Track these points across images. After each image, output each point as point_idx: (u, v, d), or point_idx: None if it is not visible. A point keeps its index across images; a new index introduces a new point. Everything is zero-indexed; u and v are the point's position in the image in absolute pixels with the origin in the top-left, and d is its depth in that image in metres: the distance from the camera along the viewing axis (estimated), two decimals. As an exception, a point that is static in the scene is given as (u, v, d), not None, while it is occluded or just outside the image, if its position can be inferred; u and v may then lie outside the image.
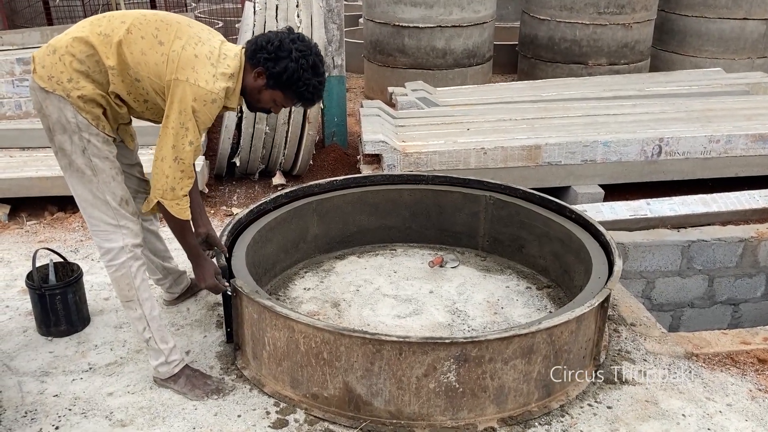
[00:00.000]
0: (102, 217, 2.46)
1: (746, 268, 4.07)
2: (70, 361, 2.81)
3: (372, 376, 2.42)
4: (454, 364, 2.38)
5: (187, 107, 2.30)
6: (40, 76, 2.34)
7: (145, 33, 2.34)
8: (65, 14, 7.10)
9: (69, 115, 2.33)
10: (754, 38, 7.07)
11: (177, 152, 2.34)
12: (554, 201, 3.44)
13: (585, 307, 2.54)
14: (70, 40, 2.33)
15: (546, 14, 6.86)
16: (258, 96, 2.47)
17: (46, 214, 4.24)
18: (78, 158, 2.38)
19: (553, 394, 2.60)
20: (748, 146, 4.68)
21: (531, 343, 2.45)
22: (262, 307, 2.54)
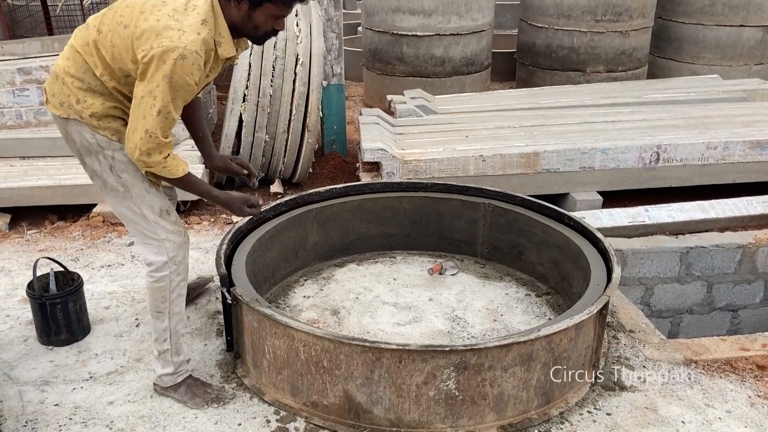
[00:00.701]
0: (144, 232, 2.44)
1: (744, 275, 4.08)
2: (70, 370, 2.82)
3: (372, 384, 2.42)
4: (454, 371, 2.39)
5: (155, 75, 2.14)
6: (53, 105, 2.35)
7: (111, 25, 2.24)
8: (66, 23, 7.13)
9: (88, 137, 2.32)
10: (750, 45, 7.10)
11: (147, 123, 2.19)
12: (552, 208, 3.45)
13: (584, 315, 2.55)
14: (63, 62, 2.32)
15: (544, 22, 6.89)
16: (252, 23, 2.30)
17: (46, 223, 4.26)
18: (108, 177, 2.37)
19: (553, 401, 2.61)
20: (746, 153, 4.70)
21: (530, 350, 2.46)
22: (262, 316, 2.55)
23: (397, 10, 6.54)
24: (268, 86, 4.58)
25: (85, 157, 2.38)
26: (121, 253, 3.85)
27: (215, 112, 6.04)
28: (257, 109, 4.59)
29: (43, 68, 4.76)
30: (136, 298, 3.38)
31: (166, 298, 2.51)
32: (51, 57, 4.94)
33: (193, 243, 3.98)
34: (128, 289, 3.46)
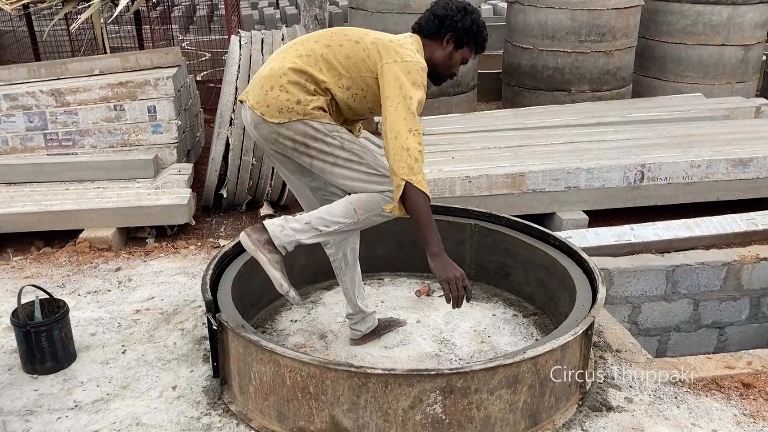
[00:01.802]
0: (376, 175, 2.59)
1: (730, 292, 4.11)
2: (55, 399, 2.79)
3: (358, 410, 2.42)
4: (440, 395, 2.39)
5: (403, 82, 2.46)
6: (270, 115, 2.54)
7: (340, 42, 2.58)
8: (53, 49, 7.14)
9: (316, 125, 2.54)
10: (732, 64, 7.20)
11: (409, 123, 2.42)
12: (538, 228, 3.47)
13: (569, 336, 2.56)
14: (282, 72, 2.53)
15: (528, 43, 6.97)
16: (450, 62, 2.68)
17: (32, 249, 4.24)
18: (340, 152, 2.57)
19: (540, 423, 2.61)
20: (729, 171, 4.75)
21: (516, 372, 2.46)
22: (248, 342, 2.54)
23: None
24: (254, 110, 4.59)
25: (311, 143, 2.55)
26: (107, 279, 3.84)
27: (202, 135, 6.05)
28: (244, 133, 4.60)
29: (29, 94, 4.77)
30: (122, 325, 3.36)
31: (373, 209, 2.60)
32: (37, 83, 4.94)
33: (180, 267, 3.97)
34: (114, 315, 3.44)
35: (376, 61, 2.52)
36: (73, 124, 4.85)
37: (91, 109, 4.83)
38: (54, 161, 4.78)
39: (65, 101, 4.81)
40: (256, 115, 2.57)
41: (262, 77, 2.59)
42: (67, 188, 4.62)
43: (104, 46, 5.73)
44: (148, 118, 4.89)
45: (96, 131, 4.88)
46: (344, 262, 3.02)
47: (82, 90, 4.81)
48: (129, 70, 5.10)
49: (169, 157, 4.97)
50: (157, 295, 3.65)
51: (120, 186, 4.64)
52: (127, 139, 4.91)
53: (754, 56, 7.35)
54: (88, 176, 4.73)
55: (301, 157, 2.63)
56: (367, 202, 2.61)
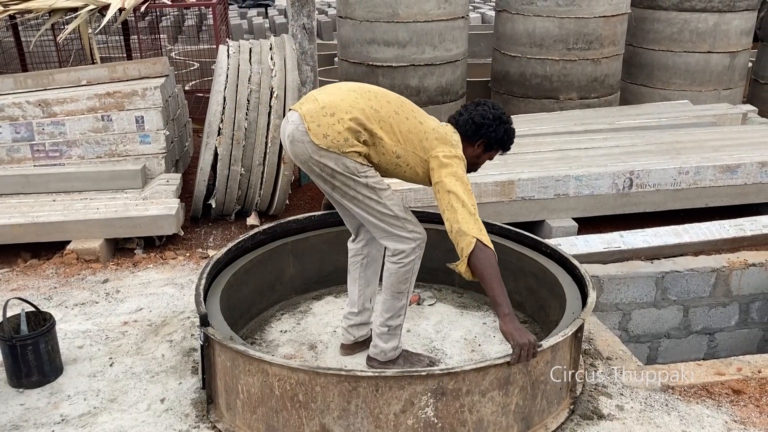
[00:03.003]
0: (393, 227, 2.77)
1: (719, 298, 4.12)
2: (41, 414, 2.76)
3: (349, 416, 2.39)
4: (432, 398, 2.37)
5: (457, 171, 2.67)
6: (315, 134, 2.62)
7: (407, 115, 2.76)
8: (40, 59, 7.10)
9: (348, 163, 2.65)
10: (718, 71, 7.25)
11: (464, 198, 2.61)
12: (529, 236, 3.47)
13: (558, 337, 2.57)
14: (348, 110, 2.64)
15: (517, 51, 6.99)
16: (476, 160, 2.91)
17: (19, 262, 4.20)
18: (363, 189, 2.70)
19: (532, 427, 2.60)
20: (717, 177, 4.77)
21: (507, 374, 2.45)
22: (235, 353, 2.52)
23: (372, 41, 6.60)
24: (243, 119, 4.59)
25: (338, 176, 2.68)
26: (95, 291, 3.81)
27: (191, 145, 6.03)
28: (232, 143, 4.59)
29: (16, 105, 4.74)
30: (110, 337, 3.33)
31: (409, 279, 2.85)
32: (24, 93, 4.91)
33: (168, 279, 3.95)
34: (102, 328, 3.41)
35: (433, 146, 2.72)
36: (61, 135, 4.82)
37: (78, 120, 4.80)
38: (41, 172, 4.74)
39: (52, 112, 4.78)
40: (302, 129, 2.64)
41: (326, 102, 2.67)
42: (54, 199, 4.58)
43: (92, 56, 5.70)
44: (136, 128, 4.87)
45: (83, 142, 4.85)
46: (369, 257, 3.09)
47: (70, 100, 4.78)
48: (117, 81, 5.08)
49: (157, 168, 4.94)
50: (145, 307, 3.62)
51: (108, 197, 4.61)
52: (114, 149, 4.88)
53: (741, 63, 7.41)
54: (75, 187, 4.70)
55: (324, 184, 2.75)
56: (398, 283, 2.84)
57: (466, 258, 2.53)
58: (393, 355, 2.97)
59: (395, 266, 2.84)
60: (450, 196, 2.60)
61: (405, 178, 2.84)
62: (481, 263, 2.53)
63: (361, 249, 3.08)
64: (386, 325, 2.92)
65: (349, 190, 2.71)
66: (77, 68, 5.26)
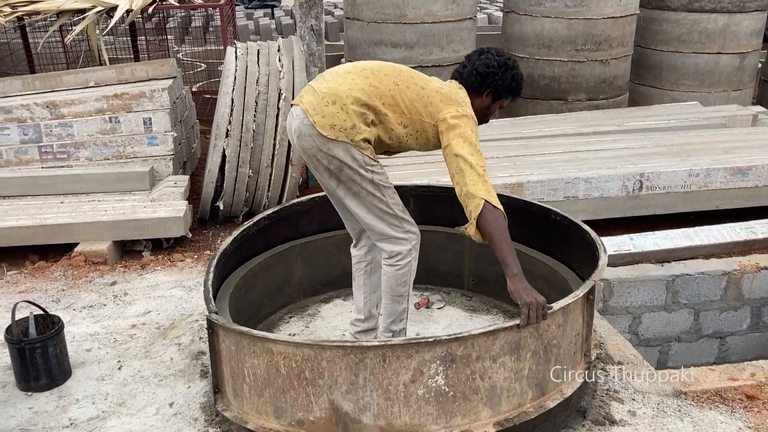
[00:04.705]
0: (390, 230, 2.77)
1: (731, 301, 4.09)
2: (50, 417, 2.75)
3: (358, 390, 2.31)
4: (441, 365, 2.30)
5: (465, 132, 2.61)
6: (321, 125, 2.59)
7: (408, 83, 2.70)
8: (48, 61, 7.11)
9: (356, 155, 2.62)
10: (728, 72, 7.21)
11: (472, 160, 2.54)
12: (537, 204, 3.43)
13: (570, 299, 2.51)
14: (348, 95, 2.60)
15: (525, 52, 6.97)
16: (486, 111, 2.83)
17: (27, 264, 4.19)
18: (368, 185, 2.69)
19: (548, 392, 2.53)
20: (727, 179, 4.73)
21: (518, 338, 2.37)
22: (239, 335, 2.44)
23: (380, 42, 6.59)
24: (251, 121, 4.58)
25: (345, 169, 2.65)
26: (103, 293, 3.80)
27: (198, 146, 6.02)
28: (240, 144, 4.58)
29: (24, 107, 4.74)
30: (118, 340, 3.32)
31: (407, 281, 2.83)
32: (32, 95, 4.91)
33: (176, 281, 3.94)
34: (110, 331, 3.40)
35: (439, 110, 2.66)
36: (68, 137, 4.82)
37: (86, 121, 4.80)
38: (49, 174, 4.74)
39: (60, 113, 4.78)
40: (307, 122, 2.61)
41: (325, 91, 2.63)
42: (62, 201, 4.58)
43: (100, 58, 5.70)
44: (143, 129, 4.86)
45: (91, 143, 4.85)
46: (373, 263, 3.07)
47: (77, 102, 4.78)
48: (124, 82, 5.08)
49: (165, 169, 4.94)
50: (153, 310, 3.61)
51: (115, 199, 4.60)
52: (122, 151, 4.88)
53: (750, 64, 7.36)
54: (83, 189, 4.69)
55: (330, 179, 2.72)
56: (396, 285, 2.83)
57: (475, 220, 2.49)
58: None
59: (392, 269, 2.82)
60: (458, 160, 2.55)
61: (417, 147, 2.79)
62: (489, 224, 2.48)
63: (364, 255, 3.05)
64: (390, 330, 2.90)
65: (354, 186, 2.69)
66: (85, 70, 5.26)
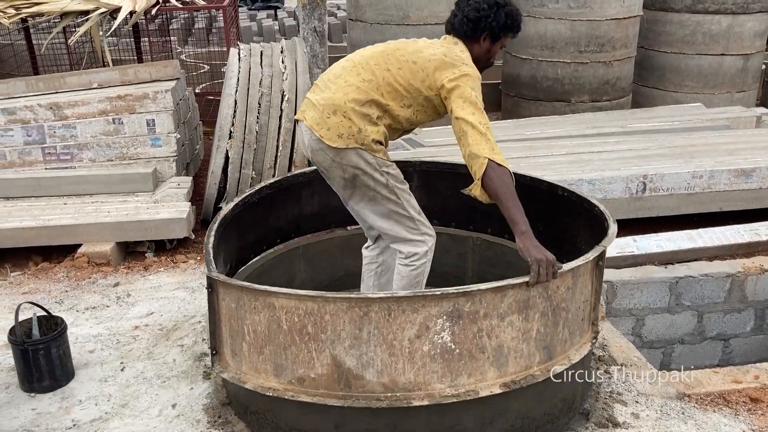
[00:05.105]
0: (406, 233, 2.79)
1: (734, 303, 4.08)
2: (53, 419, 2.75)
3: (361, 345, 2.27)
4: (448, 321, 2.25)
5: (464, 92, 2.55)
6: (329, 138, 2.62)
7: (399, 64, 2.66)
8: (51, 62, 7.13)
9: (369, 158, 2.64)
10: (732, 73, 7.19)
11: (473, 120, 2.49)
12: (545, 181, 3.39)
13: (580, 261, 2.44)
14: (346, 100, 2.60)
15: (528, 54, 6.96)
16: (488, 55, 2.78)
17: (30, 265, 4.20)
18: (382, 189, 2.69)
19: (555, 357, 2.48)
20: (731, 181, 4.72)
21: (526, 296, 2.32)
22: (240, 290, 2.38)
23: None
24: (254, 123, 4.58)
25: (359, 176, 2.67)
26: (106, 295, 3.80)
27: (202, 148, 6.02)
28: (243, 146, 4.58)
29: (27, 108, 4.75)
30: (121, 341, 3.32)
31: (420, 282, 2.85)
32: (36, 96, 4.92)
33: (179, 282, 3.94)
34: (113, 332, 3.40)
35: (436, 79, 2.62)
36: (72, 138, 4.83)
37: (89, 123, 4.81)
38: (52, 175, 4.75)
39: (63, 115, 4.78)
40: (315, 137, 2.62)
41: (323, 103, 2.64)
42: (65, 202, 4.59)
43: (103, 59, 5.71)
44: (146, 131, 4.87)
45: (94, 145, 4.85)
46: (384, 266, 3.08)
47: (81, 103, 4.78)
48: (127, 84, 5.08)
49: (168, 171, 4.94)
50: (156, 311, 3.61)
51: (119, 200, 4.61)
52: (125, 152, 4.89)
53: (754, 65, 7.34)
54: (86, 190, 4.70)
55: (345, 188, 2.73)
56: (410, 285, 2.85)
57: (479, 180, 2.43)
58: None
59: (407, 269, 2.82)
60: (459, 123, 2.52)
61: (430, 119, 2.78)
62: (494, 183, 2.41)
63: (376, 257, 3.06)
64: None
65: (369, 191, 2.69)
66: (88, 71, 5.27)
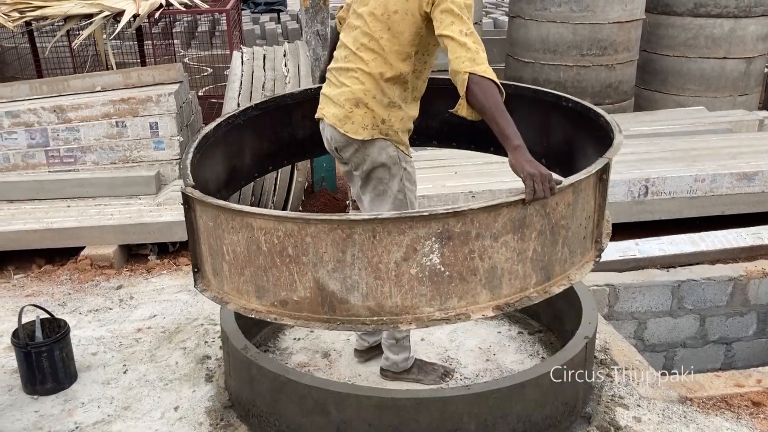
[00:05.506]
0: None
1: (737, 307, 4.07)
2: (56, 421, 2.76)
3: (345, 268, 2.11)
4: (437, 242, 2.07)
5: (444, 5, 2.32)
6: (354, 132, 2.51)
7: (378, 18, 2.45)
8: (55, 65, 7.15)
9: (391, 151, 2.55)
10: (734, 77, 7.19)
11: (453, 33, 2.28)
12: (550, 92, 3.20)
13: (581, 174, 2.23)
14: (362, 87, 2.48)
15: (530, 57, 6.97)
16: None
17: (33, 267, 4.21)
18: (394, 186, 2.61)
19: (553, 277, 2.27)
20: (734, 185, 4.73)
21: (522, 215, 2.12)
22: (217, 209, 2.25)
23: None
24: (256, 126, 4.59)
25: (377, 169, 2.57)
26: (109, 297, 3.81)
27: (205, 150, 6.03)
28: (246, 149, 4.59)
29: (31, 111, 4.77)
30: (123, 344, 3.33)
31: None
32: (39, 99, 4.94)
33: (182, 285, 3.95)
34: (116, 334, 3.41)
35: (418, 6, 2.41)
36: (75, 141, 4.85)
37: (92, 126, 4.83)
38: (55, 178, 4.77)
39: (67, 118, 4.80)
40: (339, 133, 2.55)
41: (344, 98, 2.51)
42: (68, 205, 4.60)
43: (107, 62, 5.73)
44: (150, 134, 4.89)
45: (98, 148, 4.87)
46: None
47: (84, 106, 4.80)
48: (131, 87, 5.11)
49: (171, 174, 4.96)
50: (158, 313, 3.62)
51: (122, 203, 4.63)
52: (128, 155, 4.90)
53: (757, 69, 7.35)
54: (89, 193, 4.72)
55: (363, 179, 2.64)
56: None
57: (464, 98, 2.24)
58: (405, 366, 2.96)
59: None
60: (443, 40, 2.32)
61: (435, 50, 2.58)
62: (477, 97, 2.19)
63: None
64: (393, 337, 2.90)
65: (381, 185, 2.61)
66: (92, 74, 5.30)
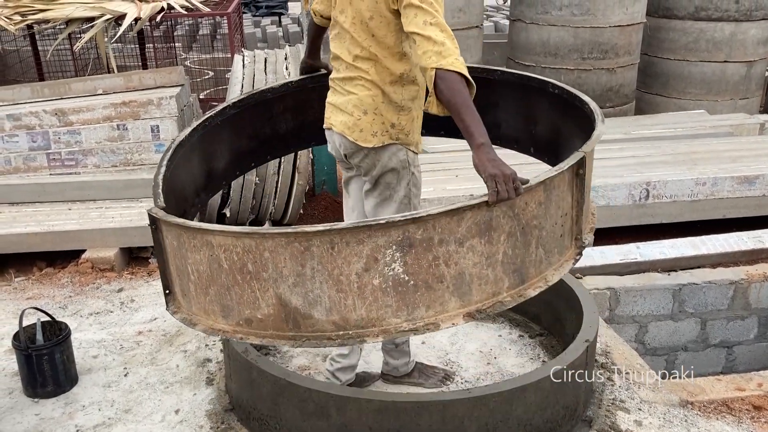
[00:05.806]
0: None
1: (738, 311, 4.07)
2: (57, 424, 2.76)
3: (306, 282, 2.04)
4: (398, 251, 1.99)
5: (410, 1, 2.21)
6: (364, 140, 2.45)
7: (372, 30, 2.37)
8: (56, 68, 7.16)
9: (401, 155, 2.50)
10: (735, 80, 7.20)
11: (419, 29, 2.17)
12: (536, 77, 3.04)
13: (553, 171, 2.10)
14: (368, 93, 2.42)
15: (531, 60, 6.98)
16: None
17: (34, 270, 4.21)
18: (401, 190, 2.57)
19: (529, 279, 2.16)
20: (735, 188, 4.73)
21: (488, 218, 2.02)
22: (179, 229, 2.16)
23: None
24: (258, 129, 4.59)
25: (387, 173, 2.53)
26: (110, 300, 3.81)
27: (206, 153, 6.04)
28: (247, 152, 4.59)
29: (33, 114, 4.78)
30: (124, 347, 3.33)
31: None
32: (41, 102, 4.95)
33: (183, 288, 3.94)
34: (117, 337, 3.41)
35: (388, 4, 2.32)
36: (76, 144, 4.85)
37: (94, 129, 4.83)
38: (57, 181, 4.77)
39: (68, 121, 4.81)
40: (348, 141, 2.48)
41: (351, 107, 2.45)
42: (69, 208, 4.60)
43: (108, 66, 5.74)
44: (151, 137, 4.89)
45: (99, 151, 4.88)
46: None
47: (86, 109, 4.81)
48: (132, 90, 5.11)
49: (172, 177, 4.95)
50: (159, 317, 3.62)
51: (123, 206, 4.63)
52: (130, 158, 4.91)
53: (757, 72, 7.35)
54: (90, 196, 4.72)
55: (372, 184, 2.59)
56: None
57: (433, 93, 2.13)
58: (406, 370, 2.96)
59: None
60: (411, 37, 2.21)
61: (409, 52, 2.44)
62: (443, 93, 2.09)
63: None
64: (393, 342, 2.89)
65: (388, 190, 2.56)
66: (93, 77, 5.31)
